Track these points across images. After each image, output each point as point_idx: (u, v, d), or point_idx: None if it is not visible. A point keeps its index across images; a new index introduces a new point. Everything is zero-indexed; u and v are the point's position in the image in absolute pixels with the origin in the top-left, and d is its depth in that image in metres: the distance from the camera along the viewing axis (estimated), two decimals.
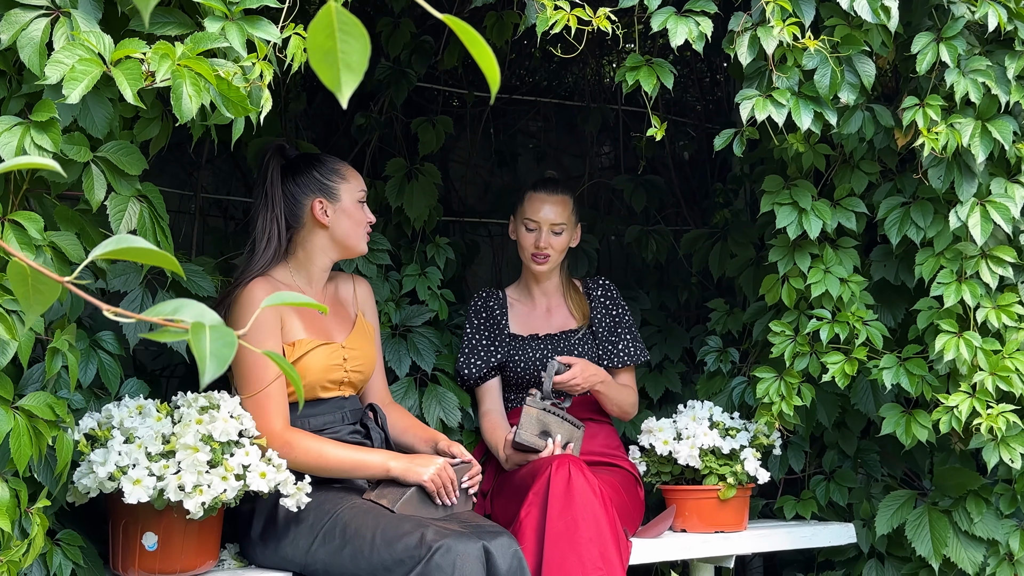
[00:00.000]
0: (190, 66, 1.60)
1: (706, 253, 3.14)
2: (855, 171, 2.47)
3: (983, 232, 2.25)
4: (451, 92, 3.39)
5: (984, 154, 2.22)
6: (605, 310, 2.78)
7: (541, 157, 3.77)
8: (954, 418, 2.31)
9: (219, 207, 3.05)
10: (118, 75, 1.58)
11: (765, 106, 2.14)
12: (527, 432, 2.41)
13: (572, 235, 2.75)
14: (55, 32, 1.59)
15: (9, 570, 1.69)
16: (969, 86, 2.20)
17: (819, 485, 2.84)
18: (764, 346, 2.67)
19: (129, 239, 0.81)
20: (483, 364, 2.69)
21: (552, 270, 2.76)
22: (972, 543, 2.61)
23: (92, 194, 1.69)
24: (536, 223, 2.69)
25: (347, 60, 0.68)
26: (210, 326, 0.76)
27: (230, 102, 1.65)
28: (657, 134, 2.23)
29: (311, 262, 2.33)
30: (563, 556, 2.15)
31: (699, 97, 3.66)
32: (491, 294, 2.80)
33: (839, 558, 2.85)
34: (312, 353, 2.24)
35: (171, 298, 2.20)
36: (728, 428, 2.62)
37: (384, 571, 1.97)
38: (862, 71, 2.17)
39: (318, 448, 2.16)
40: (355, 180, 2.37)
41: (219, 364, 0.75)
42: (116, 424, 1.95)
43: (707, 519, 2.59)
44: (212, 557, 2.05)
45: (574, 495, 2.21)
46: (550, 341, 2.72)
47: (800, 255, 2.47)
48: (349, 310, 2.44)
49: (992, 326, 2.34)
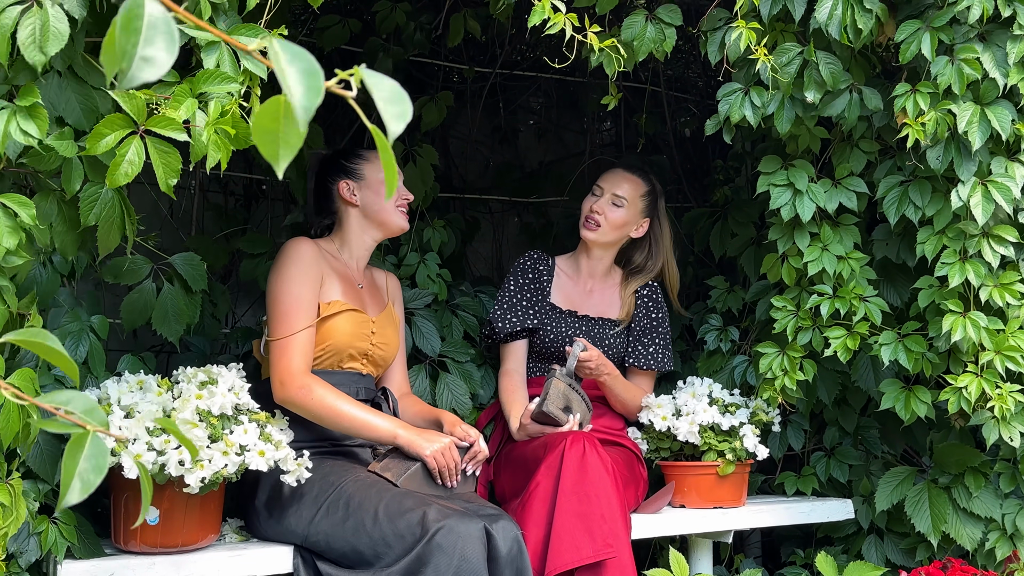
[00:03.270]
0: (221, 128, 1.65)
1: (707, 232, 3.14)
2: (854, 150, 2.46)
3: (984, 212, 2.24)
4: (451, 68, 3.37)
5: (981, 140, 2.21)
6: (646, 310, 2.77)
7: (542, 134, 3.76)
8: (963, 399, 2.31)
9: (219, 183, 3.04)
10: (156, 162, 1.63)
11: (742, 108, 2.21)
12: (553, 404, 2.41)
13: (634, 220, 2.71)
14: (22, 22, 1.56)
15: None
16: (954, 76, 2.18)
17: (819, 461, 2.85)
18: (765, 324, 2.68)
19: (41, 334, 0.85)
20: (518, 322, 2.67)
21: (601, 245, 2.72)
22: (971, 520, 2.63)
23: (69, 184, 1.71)
24: (601, 189, 2.69)
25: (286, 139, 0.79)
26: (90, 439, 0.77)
27: (240, 140, 1.70)
28: (611, 103, 2.30)
29: (354, 240, 2.45)
30: (574, 529, 2.16)
31: (700, 74, 3.64)
32: (541, 258, 2.78)
33: (838, 534, 2.87)
34: (344, 315, 2.31)
35: (174, 289, 2.22)
36: (727, 405, 2.63)
37: (385, 546, 1.98)
38: (827, 70, 2.19)
39: (333, 399, 2.18)
40: (376, 159, 2.44)
41: (84, 489, 0.77)
42: (115, 400, 1.96)
43: (706, 495, 2.61)
44: (214, 531, 2.06)
45: (588, 470, 2.21)
46: (586, 322, 2.71)
47: (799, 233, 2.47)
48: (382, 296, 2.53)
49: (995, 304, 2.34)
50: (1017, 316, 2.35)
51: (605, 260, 2.77)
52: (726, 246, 3.06)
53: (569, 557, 2.12)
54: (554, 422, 2.42)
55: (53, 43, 1.57)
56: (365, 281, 2.48)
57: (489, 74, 3.34)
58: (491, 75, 3.33)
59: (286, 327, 2.22)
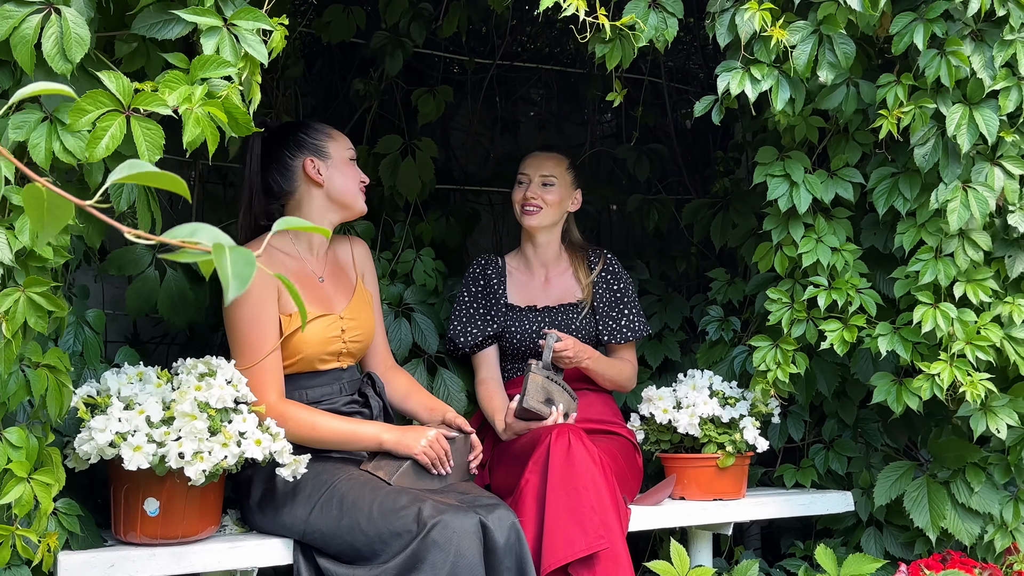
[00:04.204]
0: (211, 112, 1.63)
1: (707, 223, 3.13)
2: (850, 142, 2.46)
3: (960, 218, 2.27)
4: (452, 59, 3.36)
5: (970, 143, 2.22)
6: (606, 284, 2.76)
7: (542, 125, 3.75)
8: (936, 385, 2.32)
9: (218, 173, 3.04)
10: (138, 138, 1.60)
11: (743, 81, 2.17)
12: (533, 399, 2.40)
13: (568, 195, 2.73)
14: (44, 31, 1.57)
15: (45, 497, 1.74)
16: (943, 69, 2.18)
17: (818, 454, 2.85)
18: (764, 316, 2.67)
19: (141, 164, 0.86)
20: (479, 333, 2.68)
21: (545, 228, 2.73)
22: (970, 515, 2.63)
23: (91, 177, 1.71)
24: (526, 175, 2.72)
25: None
26: (229, 247, 0.82)
27: (237, 124, 1.68)
28: (616, 99, 2.28)
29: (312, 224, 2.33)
30: (564, 524, 2.15)
31: (701, 64, 3.63)
32: (490, 261, 2.78)
33: (837, 526, 2.87)
34: (310, 326, 2.22)
35: (178, 275, 2.21)
36: (728, 397, 2.63)
37: (381, 543, 1.97)
38: (840, 51, 2.17)
39: (311, 420, 2.16)
40: (342, 139, 2.37)
41: (241, 283, 0.81)
42: (114, 392, 1.96)
43: (706, 487, 2.61)
44: (214, 522, 2.06)
45: (574, 463, 2.21)
46: (548, 314, 2.71)
47: (794, 224, 2.47)
48: (349, 275, 2.42)
49: (970, 300, 2.36)
50: (989, 310, 2.36)
51: (552, 245, 2.77)
52: (726, 237, 3.06)
53: (562, 553, 2.12)
54: (537, 416, 2.42)
55: (77, 49, 1.58)
56: (327, 269, 2.36)
57: (489, 65, 3.33)
58: (491, 66, 3.32)
59: (249, 356, 2.11)
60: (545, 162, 2.72)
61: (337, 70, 3.17)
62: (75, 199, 0.86)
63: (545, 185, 2.69)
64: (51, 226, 0.86)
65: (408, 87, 3.11)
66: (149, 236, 0.84)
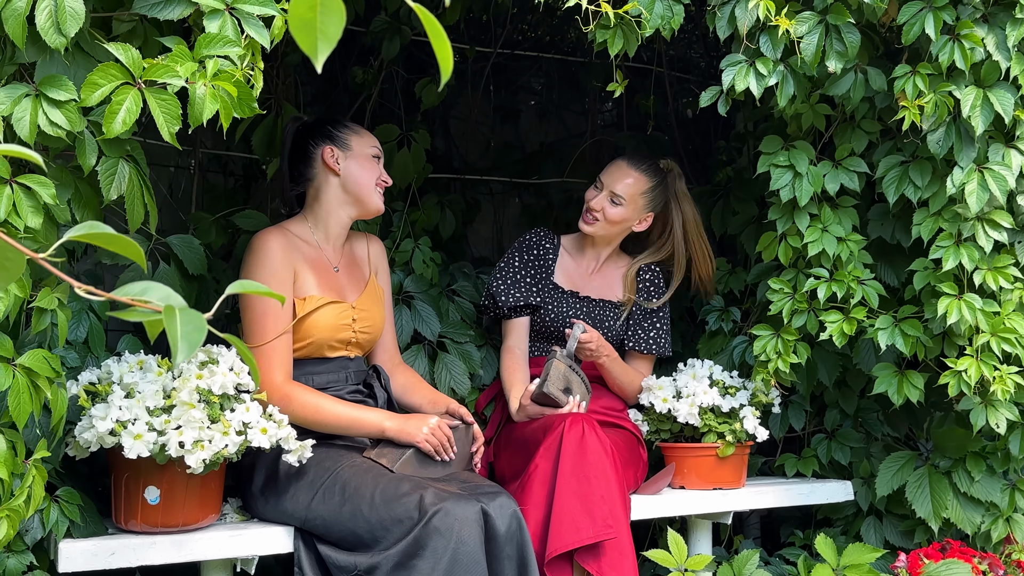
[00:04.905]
0: (217, 85, 1.61)
1: (708, 211, 3.13)
2: (856, 130, 2.45)
3: (979, 200, 2.25)
4: (452, 47, 3.35)
5: (984, 125, 2.20)
6: (647, 295, 2.76)
7: (543, 114, 3.74)
8: (963, 382, 2.31)
9: (219, 162, 3.03)
10: (155, 109, 1.60)
11: (747, 77, 2.15)
12: (554, 386, 2.40)
13: (634, 217, 2.67)
14: (38, 4, 1.56)
15: (11, 519, 1.71)
16: (957, 54, 2.17)
17: (820, 443, 2.86)
18: (766, 306, 2.67)
19: (100, 226, 0.85)
20: (521, 297, 2.65)
21: (600, 238, 2.71)
22: (971, 505, 2.63)
23: (84, 159, 1.69)
24: (602, 183, 2.67)
25: (324, 30, 0.75)
26: (179, 310, 0.80)
27: (242, 103, 1.67)
28: (617, 90, 2.26)
29: (329, 216, 2.35)
30: (573, 510, 2.16)
31: (703, 53, 3.62)
32: (547, 236, 2.76)
33: (837, 516, 2.88)
34: (322, 310, 2.25)
35: (169, 270, 2.21)
36: (728, 386, 2.63)
37: (383, 530, 1.98)
38: (848, 40, 2.16)
39: (315, 403, 2.17)
40: (368, 137, 2.40)
41: (190, 347, 0.79)
42: (116, 380, 1.96)
43: (706, 476, 2.61)
44: (214, 511, 2.06)
45: (587, 452, 2.21)
46: (587, 304, 2.70)
47: (799, 214, 2.46)
48: (363, 270, 2.46)
49: (988, 288, 2.34)
50: (1010, 299, 2.35)
51: (610, 247, 2.76)
52: (727, 225, 3.05)
53: (569, 538, 2.12)
54: (554, 403, 2.42)
55: (72, 23, 1.56)
56: (343, 260, 2.40)
57: (490, 54, 3.32)
58: (492, 55, 3.31)
59: (261, 335, 2.16)
60: (624, 178, 2.65)
61: (337, 58, 3.16)
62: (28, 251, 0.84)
63: (613, 202, 2.64)
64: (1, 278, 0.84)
65: (408, 75, 3.10)
66: (98, 292, 0.84)
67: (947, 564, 2.45)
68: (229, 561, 2.07)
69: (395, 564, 1.93)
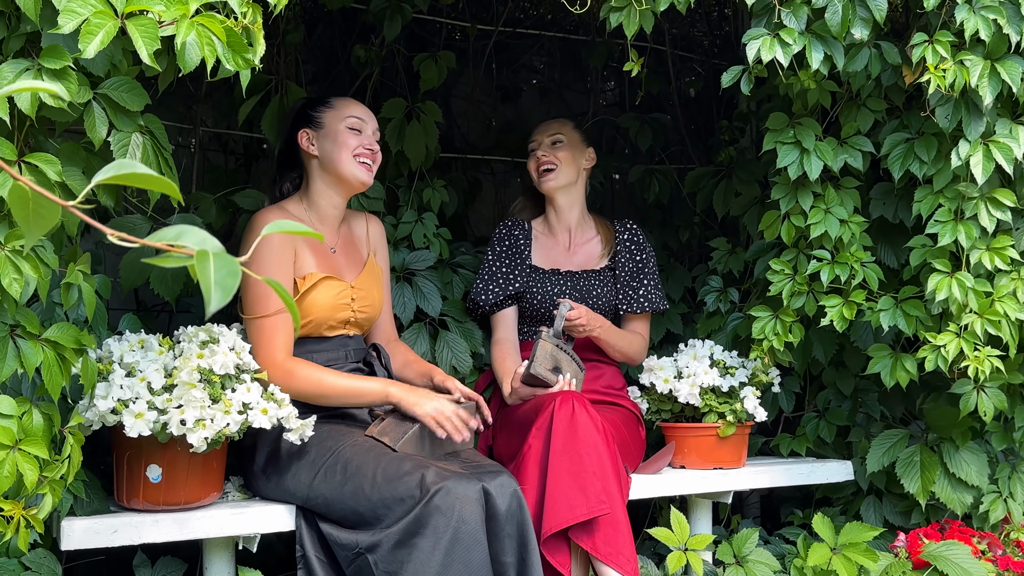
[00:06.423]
0: (204, 24, 1.58)
1: (710, 191, 3.12)
2: (861, 109, 2.43)
3: (984, 171, 2.23)
4: (453, 25, 3.33)
5: (992, 95, 2.18)
6: (629, 254, 2.78)
7: (545, 93, 3.72)
8: (940, 357, 2.32)
9: (219, 141, 3.02)
10: (133, 33, 1.56)
11: (772, 47, 2.11)
12: (541, 366, 2.42)
13: (580, 151, 2.77)
14: None
15: (53, 489, 1.73)
16: (979, 23, 2.16)
17: (810, 423, 2.87)
18: (765, 285, 2.67)
19: (130, 164, 0.83)
20: (499, 292, 2.69)
21: (564, 189, 2.75)
22: (960, 484, 2.64)
23: (94, 132, 1.68)
24: (536, 140, 2.77)
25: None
26: (214, 254, 0.78)
27: (236, 55, 1.63)
28: (633, 69, 2.25)
29: (320, 197, 2.36)
30: (567, 489, 2.17)
31: (706, 32, 3.60)
32: (516, 223, 2.80)
33: (837, 495, 2.89)
34: (322, 287, 2.27)
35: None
36: (728, 366, 2.63)
37: (384, 509, 1.99)
38: (874, 5, 2.13)
39: (318, 376, 2.18)
40: (344, 107, 2.36)
41: (224, 293, 0.78)
42: (116, 359, 1.96)
43: (706, 456, 2.62)
44: (216, 489, 2.07)
45: (578, 429, 2.22)
46: (570, 278, 2.72)
47: (803, 194, 2.45)
48: (361, 250, 2.46)
49: (984, 268, 2.33)
50: (1005, 283, 2.34)
51: (575, 209, 2.79)
52: (729, 205, 3.04)
53: (564, 516, 2.14)
54: (544, 383, 2.43)
55: None
56: (340, 240, 2.40)
57: (491, 32, 3.30)
58: (493, 33, 3.29)
59: (262, 311, 2.17)
60: (550, 125, 2.79)
61: (338, 36, 3.14)
62: (60, 200, 0.84)
63: (555, 144, 2.74)
64: (37, 227, 0.83)
65: (410, 54, 3.08)
66: (133, 239, 0.83)
67: (947, 544, 2.46)
68: (231, 539, 2.08)
69: (396, 542, 1.94)
